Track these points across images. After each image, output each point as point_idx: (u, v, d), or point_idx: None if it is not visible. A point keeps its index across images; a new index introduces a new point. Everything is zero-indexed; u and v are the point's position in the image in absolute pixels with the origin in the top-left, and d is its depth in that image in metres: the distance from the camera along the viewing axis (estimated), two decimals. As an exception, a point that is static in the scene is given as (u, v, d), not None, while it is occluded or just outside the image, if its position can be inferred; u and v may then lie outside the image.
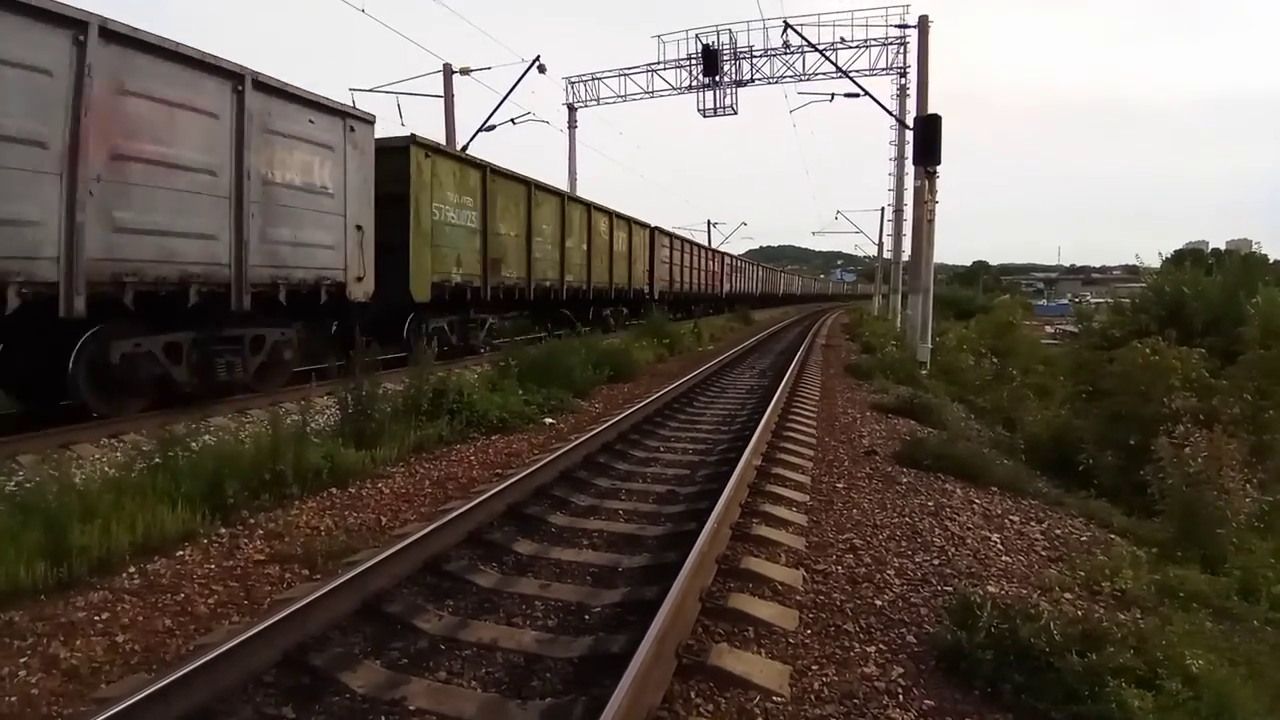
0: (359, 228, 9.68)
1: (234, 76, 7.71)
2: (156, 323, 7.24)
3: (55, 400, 7.23)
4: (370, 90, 20.44)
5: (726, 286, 39.46)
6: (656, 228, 24.78)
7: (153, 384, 7.35)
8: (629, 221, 22.13)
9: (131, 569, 4.15)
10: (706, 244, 40.75)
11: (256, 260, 8.00)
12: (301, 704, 2.88)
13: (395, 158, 10.85)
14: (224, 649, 2.85)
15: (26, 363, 7.05)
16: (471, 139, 20.83)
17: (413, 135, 11.36)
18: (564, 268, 16.93)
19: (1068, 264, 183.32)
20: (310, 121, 8.86)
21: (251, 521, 4.99)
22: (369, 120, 9.95)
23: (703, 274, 33.02)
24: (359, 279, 9.71)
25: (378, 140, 10.30)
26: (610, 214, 20.40)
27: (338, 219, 9.35)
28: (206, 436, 6.14)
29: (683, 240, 29.85)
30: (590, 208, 18.88)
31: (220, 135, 7.58)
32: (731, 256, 44.34)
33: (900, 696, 3.04)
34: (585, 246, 18.35)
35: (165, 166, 6.98)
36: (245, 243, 7.81)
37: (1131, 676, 2.97)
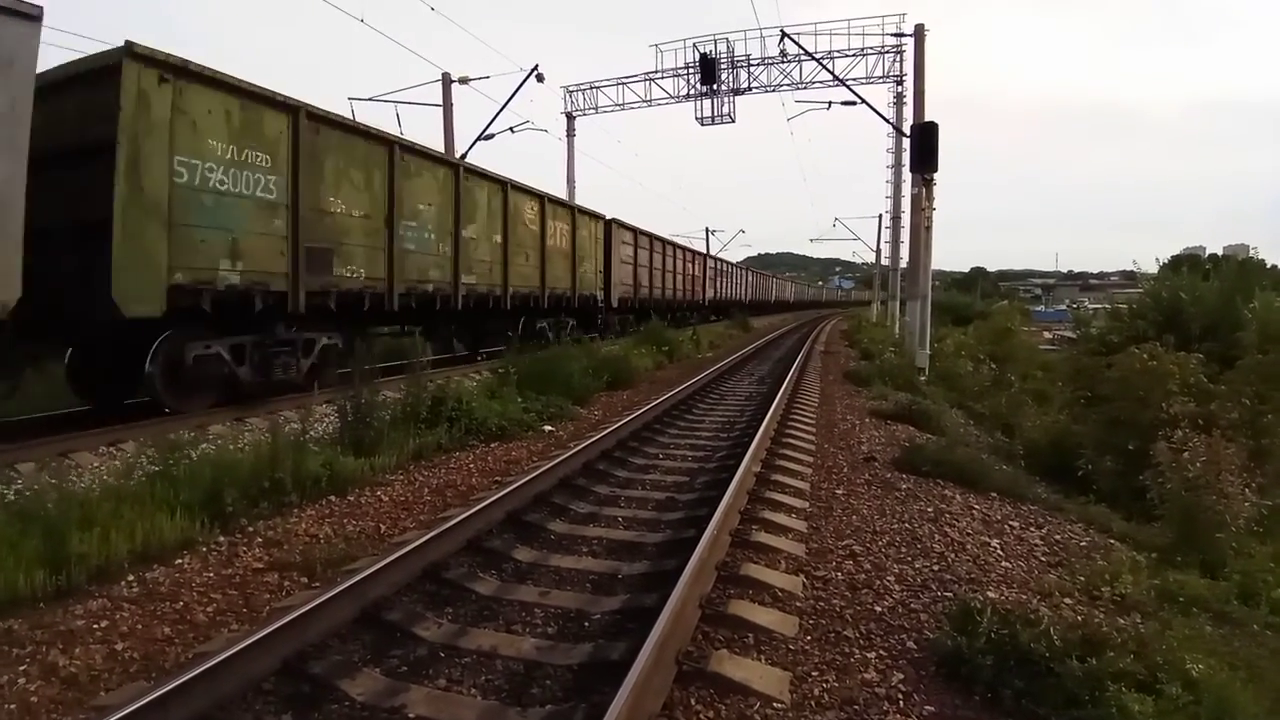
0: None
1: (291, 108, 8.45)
2: None
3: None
4: (369, 99, 20.48)
5: (709, 293, 35.08)
6: (613, 219, 21.09)
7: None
8: (572, 209, 18.15)
9: (130, 577, 4.14)
10: (692, 247, 37.28)
11: None
12: (301, 712, 2.87)
13: (95, 85, 6.96)
14: (223, 657, 2.85)
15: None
16: (470, 147, 20.85)
17: (129, 44, 6.88)
18: (458, 265, 12.51)
19: (1065, 270, 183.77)
20: None
21: (250, 529, 4.99)
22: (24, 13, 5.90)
23: (679, 278, 28.80)
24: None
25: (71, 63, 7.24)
26: (541, 198, 16.08)
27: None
28: (205, 445, 6.14)
29: (650, 237, 24.83)
30: (509, 186, 14.38)
31: None
32: (715, 259, 39.73)
33: (901, 702, 3.04)
34: (499, 239, 14.08)
35: None
36: None
37: (1131, 681, 2.97)
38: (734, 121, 25.10)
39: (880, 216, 40.35)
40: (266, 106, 8.44)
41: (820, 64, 21.65)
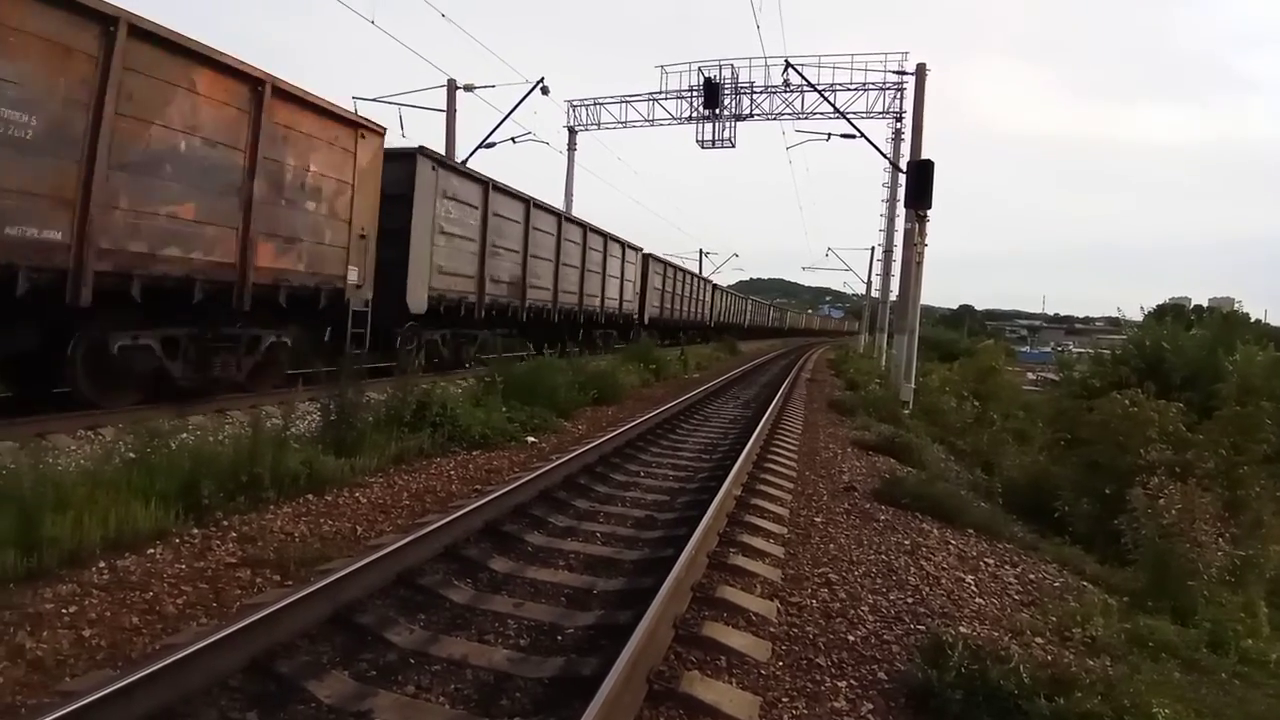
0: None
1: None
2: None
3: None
4: (374, 99, 20.53)
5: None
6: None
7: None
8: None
9: (101, 564, 4.10)
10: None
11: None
12: (266, 711, 2.84)
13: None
14: (190, 650, 2.82)
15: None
16: (471, 154, 20.93)
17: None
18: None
19: (1052, 312, 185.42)
20: None
21: (225, 523, 4.94)
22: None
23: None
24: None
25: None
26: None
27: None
28: (185, 435, 6.08)
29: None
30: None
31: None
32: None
33: (869, 733, 3.04)
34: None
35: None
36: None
37: (1098, 722, 2.98)
38: (734, 146, 25.31)
39: (872, 249, 40.65)
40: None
41: (822, 96, 21.89)
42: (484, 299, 13.75)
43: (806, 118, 23.74)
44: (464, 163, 17.37)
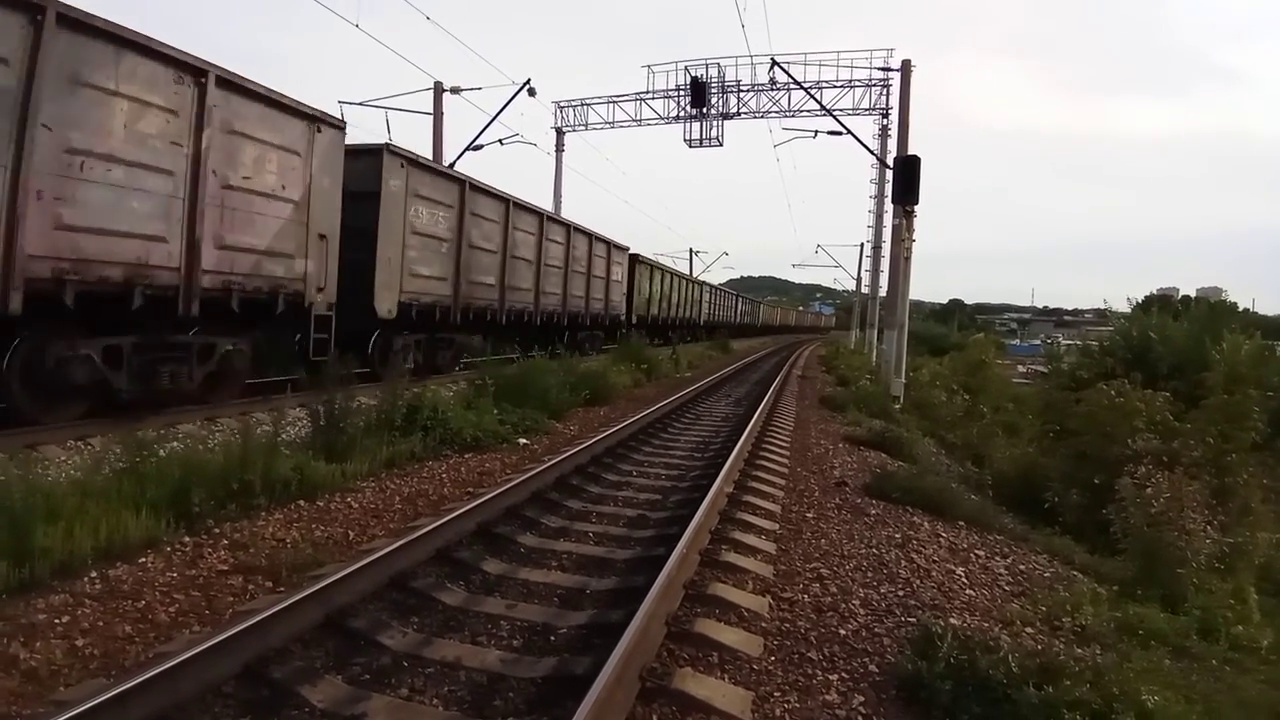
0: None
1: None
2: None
3: None
4: (360, 104, 20.49)
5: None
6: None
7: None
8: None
9: (93, 573, 4.08)
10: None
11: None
12: (260, 716, 2.85)
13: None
14: (183, 658, 2.83)
15: None
16: (459, 157, 20.92)
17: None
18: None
19: (1041, 305, 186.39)
20: None
21: (216, 531, 4.94)
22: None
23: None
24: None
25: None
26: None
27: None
28: (174, 443, 6.07)
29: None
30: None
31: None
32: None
33: (860, 725, 3.07)
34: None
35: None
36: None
37: (1087, 710, 3.01)
38: (722, 145, 25.29)
39: (861, 245, 40.84)
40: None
41: (809, 93, 21.97)
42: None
43: (793, 115, 23.82)
44: (451, 165, 17.30)
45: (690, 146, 25.47)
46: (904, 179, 17.12)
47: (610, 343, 22.57)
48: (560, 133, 27.39)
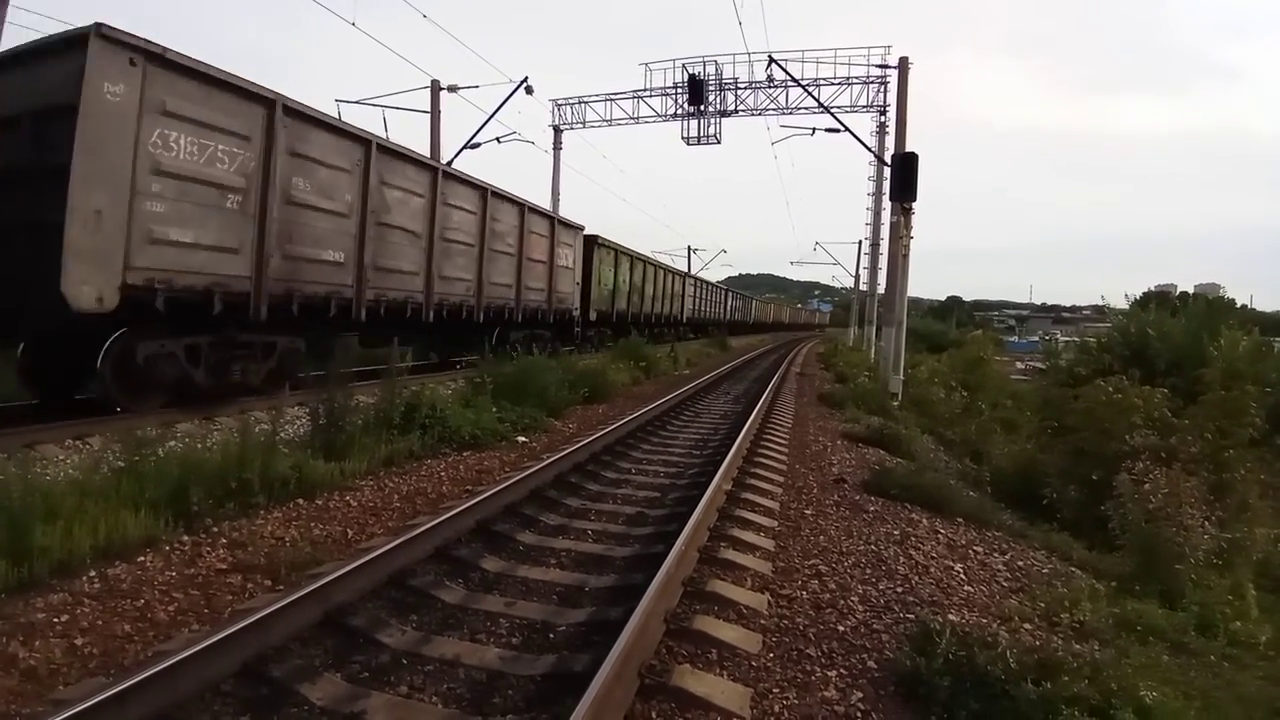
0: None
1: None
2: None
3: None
4: (356, 102, 20.47)
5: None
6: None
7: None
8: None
9: (92, 572, 4.09)
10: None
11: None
12: (259, 715, 2.85)
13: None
14: (182, 656, 2.83)
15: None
16: (456, 155, 20.88)
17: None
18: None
19: (1040, 302, 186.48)
20: None
21: (215, 530, 4.94)
22: None
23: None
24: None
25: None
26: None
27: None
28: (173, 442, 6.07)
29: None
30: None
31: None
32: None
33: (859, 721, 3.07)
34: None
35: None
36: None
37: (1085, 706, 3.02)
38: (720, 143, 25.30)
39: (860, 243, 40.94)
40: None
41: (806, 90, 21.96)
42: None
43: (791, 113, 23.81)
44: (449, 163, 16.96)
45: (688, 144, 25.50)
46: (902, 176, 17.12)
47: (566, 344, 18.64)
48: (558, 130, 27.37)
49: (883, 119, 22.94)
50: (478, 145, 21.67)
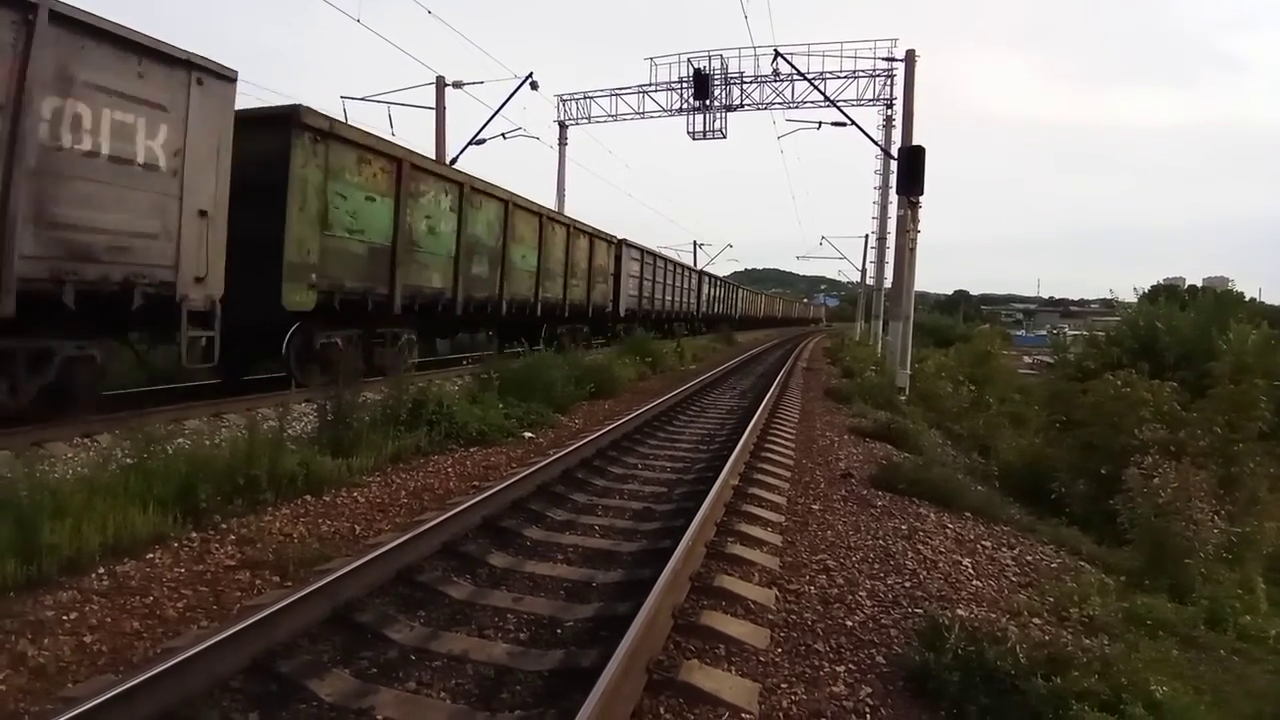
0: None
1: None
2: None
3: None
4: (361, 99, 20.47)
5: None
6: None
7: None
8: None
9: (101, 570, 4.10)
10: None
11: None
12: (268, 711, 2.85)
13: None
14: (191, 653, 2.83)
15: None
16: (462, 151, 20.92)
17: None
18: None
19: (1047, 296, 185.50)
20: None
21: (223, 526, 4.95)
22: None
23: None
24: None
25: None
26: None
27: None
28: (181, 439, 6.08)
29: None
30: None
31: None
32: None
33: (867, 716, 3.07)
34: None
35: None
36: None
37: (1095, 701, 3.01)
38: (725, 137, 25.22)
39: (866, 237, 40.86)
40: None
41: (812, 84, 21.84)
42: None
43: (797, 107, 23.70)
44: (453, 162, 17.07)
45: (694, 139, 25.44)
46: (908, 170, 17.05)
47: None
48: (563, 126, 27.30)
49: (889, 112, 22.83)
50: (483, 141, 21.69)
